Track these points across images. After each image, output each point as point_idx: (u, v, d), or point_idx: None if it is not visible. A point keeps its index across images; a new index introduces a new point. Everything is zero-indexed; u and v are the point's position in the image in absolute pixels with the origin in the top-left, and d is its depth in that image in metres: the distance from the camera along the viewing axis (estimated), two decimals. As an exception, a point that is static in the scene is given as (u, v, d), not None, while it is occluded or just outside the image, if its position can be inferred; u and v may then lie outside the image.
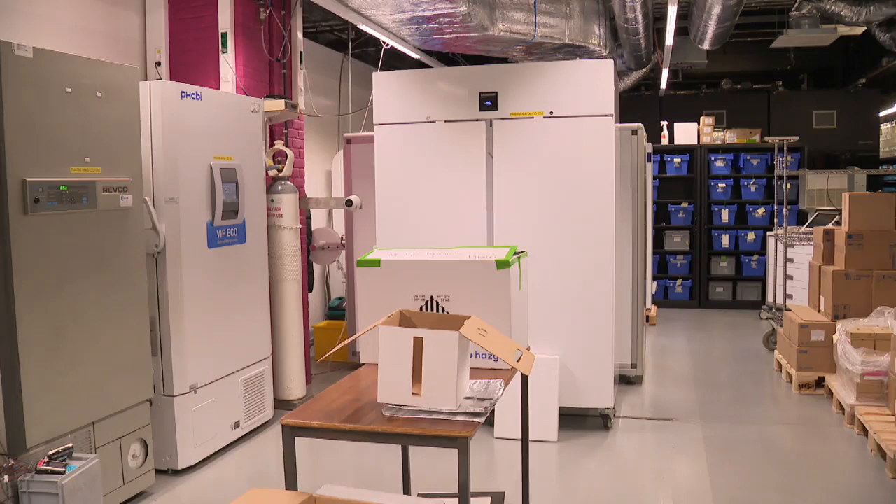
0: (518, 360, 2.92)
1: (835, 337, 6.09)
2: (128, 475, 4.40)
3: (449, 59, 9.50)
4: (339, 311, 8.50)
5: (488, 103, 5.56)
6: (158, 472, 4.75)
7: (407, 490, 3.95)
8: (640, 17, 7.14)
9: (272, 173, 6.09)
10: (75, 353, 4.01)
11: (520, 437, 4.17)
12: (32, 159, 3.74)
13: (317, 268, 8.28)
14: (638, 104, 11.99)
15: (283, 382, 6.15)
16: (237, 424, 5.40)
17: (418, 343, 2.71)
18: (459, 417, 2.68)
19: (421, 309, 3.38)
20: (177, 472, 4.91)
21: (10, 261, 3.63)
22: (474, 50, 6.50)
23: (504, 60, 7.15)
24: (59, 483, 3.58)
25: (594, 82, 5.40)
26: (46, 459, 3.70)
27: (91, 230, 4.10)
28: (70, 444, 3.84)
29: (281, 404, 6.12)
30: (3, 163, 3.60)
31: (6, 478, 3.64)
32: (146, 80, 5.56)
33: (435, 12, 5.33)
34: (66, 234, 3.94)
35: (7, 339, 3.66)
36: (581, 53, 7.08)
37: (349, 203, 6.47)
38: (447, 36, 5.90)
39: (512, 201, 5.53)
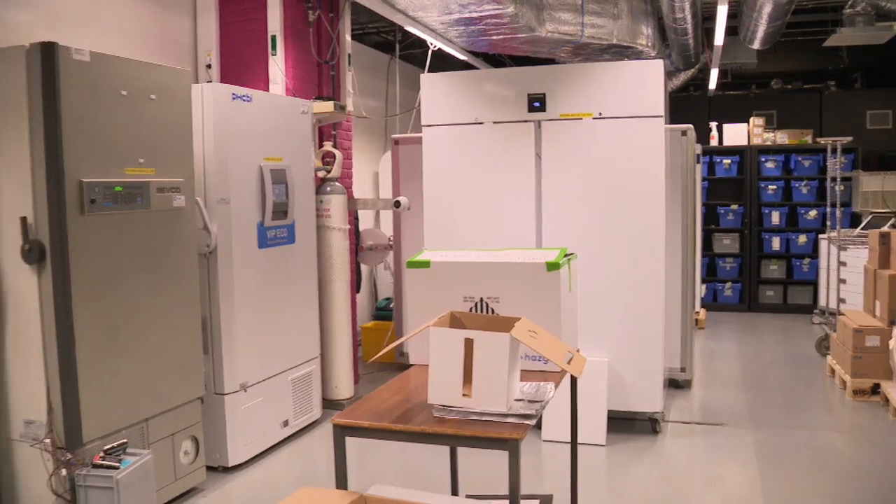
0: (569, 363, 2.90)
1: (891, 342, 5.97)
2: (179, 471, 4.46)
3: (495, 60, 9.49)
4: (386, 312, 8.53)
5: (537, 104, 5.53)
6: (209, 468, 4.81)
7: (455, 491, 3.95)
8: (688, 17, 7.06)
9: (321, 174, 6.13)
10: (129, 350, 4.07)
11: (568, 439, 4.15)
12: (89, 161, 3.82)
13: (364, 268, 8.32)
14: (686, 105, 11.86)
15: (331, 382, 6.20)
16: (286, 423, 5.45)
17: (469, 344, 2.70)
18: (510, 419, 2.67)
19: (470, 310, 3.38)
20: (227, 470, 4.97)
21: (67, 260, 3.71)
22: (521, 51, 6.48)
23: (550, 61, 7.12)
24: (115, 478, 3.65)
25: (644, 83, 5.35)
26: (102, 454, 3.77)
27: (145, 230, 4.17)
28: (124, 440, 3.91)
29: (329, 404, 6.16)
30: (61, 164, 3.67)
31: (64, 471, 3.73)
32: (197, 82, 5.64)
33: (482, 13, 5.33)
34: (120, 234, 4.01)
35: (65, 336, 3.73)
36: (629, 54, 7.02)
37: (397, 204, 6.49)
38: (494, 37, 5.89)
39: (560, 203, 5.51)
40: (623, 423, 5.64)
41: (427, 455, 5.17)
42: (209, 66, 6.09)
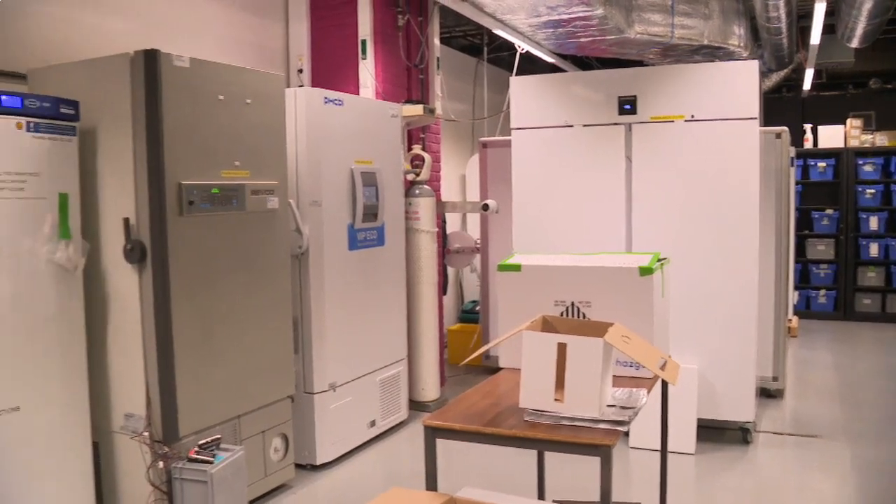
0: (662, 369, 2.86)
1: None
2: (269, 468, 4.55)
3: (582, 62, 9.42)
4: (472, 315, 8.55)
5: (627, 107, 5.47)
6: (297, 466, 4.89)
7: (541, 495, 3.94)
8: (783, 16, 6.87)
9: (410, 177, 6.18)
10: (224, 348, 4.18)
11: (655, 447, 4.10)
12: (187, 163, 3.93)
13: (450, 271, 8.35)
14: (779, 106, 11.54)
15: (417, 384, 6.24)
16: (373, 423, 5.51)
17: (562, 349, 2.69)
18: (602, 425, 2.64)
19: (561, 314, 3.36)
20: (315, 468, 5.05)
21: (167, 260, 3.82)
22: (609, 53, 6.41)
23: (638, 63, 7.03)
24: (209, 472, 3.73)
25: (737, 84, 5.24)
26: (197, 449, 3.86)
27: (239, 231, 4.27)
28: (218, 436, 4.00)
29: (415, 405, 6.20)
30: (161, 167, 3.79)
31: (161, 464, 3.84)
32: (289, 86, 5.75)
33: (571, 16, 5.30)
34: (216, 235, 4.12)
35: (164, 333, 3.85)
36: (720, 55, 6.88)
37: (486, 207, 6.50)
38: (582, 39, 5.84)
39: (651, 206, 5.43)
40: (713, 433, 5.52)
41: (512, 458, 5.13)
42: (300, 71, 6.20)
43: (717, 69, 5.39)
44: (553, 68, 8.58)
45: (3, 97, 3.44)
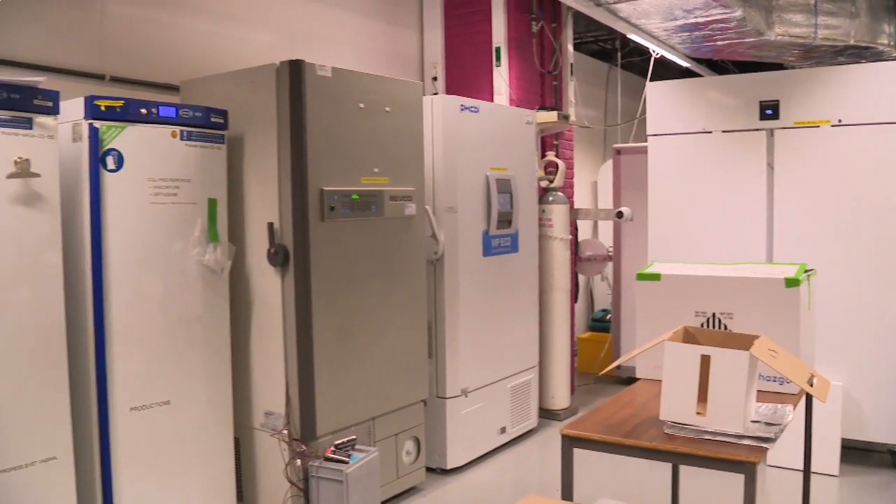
0: (811, 385, 2.75)
1: None
2: (401, 470, 4.61)
3: (717, 66, 9.16)
4: (602, 323, 8.44)
5: (769, 112, 5.29)
6: (428, 470, 4.93)
7: (677, 511, 3.85)
8: (941, 13, 6.51)
9: (543, 184, 6.16)
10: (361, 351, 4.26)
11: (796, 466, 3.94)
12: (329, 170, 4.03)
13: (581, 278, 8.27)
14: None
15: (548, 392, 6.20)
16: (503, 430, 5.50)
17: (705, 361, 2.62)
18: (746, 441, 2.56)
19: (702, 325, 3.28)
20: (445, 472, 5.08)
21: (308, 263, 3.93)
22: (746, 56, 6.23)
23: (776, 66, 6.78)
24: (345, 471, 3.82)
25: (888, 86, 4.98)
26: (333, 448, 3.95)
27: (377, 237, 4.35)
28: (353, 437, 4.08)
29: (545, 413, 6.16)
30: (305, 174, 3.90)
31: (298, 462, 3.95)
32: (424, 94, 5.83)
33: (708, 18, 5.18)
34: (355, 240, 4.21)
35: (304, 334, 3.96)
36: (867, 55, 6.55)
37: (620, 215, 6.41)
38: (719, 42, 5.71)
39: (795, 215, 5.22)
40: (858, 454, 5.25)
41: (644, 471, 5.04)
42: (435, 79, 6.28)
43: (867, 71, 5.15)
44: (687, 73, 8.38)
45: (160, 108, 3.64)
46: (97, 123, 3.41)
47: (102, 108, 3.43)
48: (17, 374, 3.08)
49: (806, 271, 3.34)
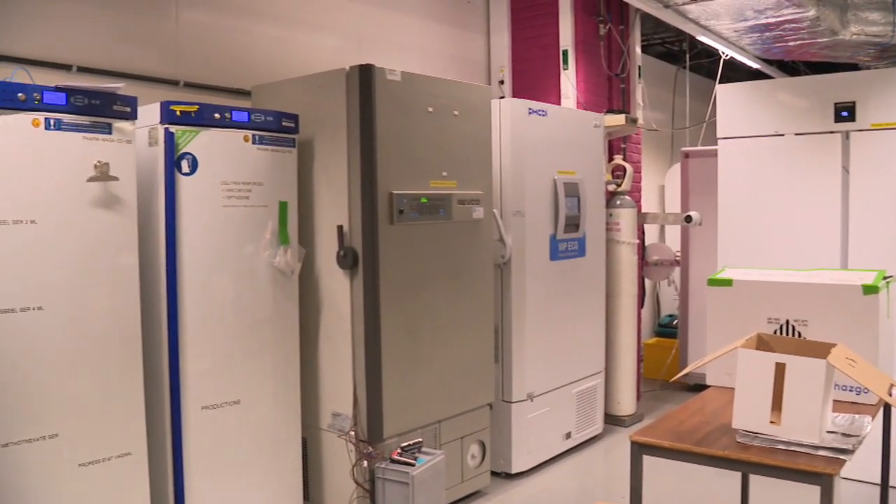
0: (891, 395, 2.67)
1: None
2: (466, 474, 4.61)
3: (788, 67, 8.98)
4: (668, 329, 8.33)
5: (845, 114, 5.16)
6: (493, 474, 4.92)
7: (748, 521, 3.77)
8: None
9: (611, 188, 6.11)
10: (428, 354, 4.28)
11: (870, 479, 3.84)
12: (398, 174, 4.06)
13: (647, 283, 8.18)
14: None
15: (613, 397, 6.14)
16: (568, 435, 5.47)
17: (780, 369, 2.56)
18: (822, 452, 2.50)
19: (775, 332, 3.21)
20: (509, 476, 5.07)
21: (377, 266, 3.96)
22: (819, 56, 6.10)
23: (849, 66, 6.62)
24: (411, 474, 3.84)
25: (973, 88, 4.84)
26: (399, 451, 3.99)
27: (445, 240, 4.36)
28: (419, 439, 4.11)
29: (610, 419, 6.10)
30: (374, 177, 3.93)
31: (365, 463, 3.99)
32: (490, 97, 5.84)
33: (779, 19, 5.09)
34: (423, 244, 4.23)
35: (372, 337, 3.99)
36: (947, 54, 6.37)
37: (688, 219, 6.32)
38: (791, 43, 5.60)
39: (872, 221, 5.07)
40: (938, 467, 5.09)
41: (711, 479, 4.95)
42: (502, 82, 6.28)
43: (948, 71, 5.00)
44: (757, 74, 8.22)
45: (233, 112, 3.71)
46: (172, 128, 3.50)
47: (178, 113, 3.52)
48: (95, 371, 3.17)
49: (885, 278, 3.26)
